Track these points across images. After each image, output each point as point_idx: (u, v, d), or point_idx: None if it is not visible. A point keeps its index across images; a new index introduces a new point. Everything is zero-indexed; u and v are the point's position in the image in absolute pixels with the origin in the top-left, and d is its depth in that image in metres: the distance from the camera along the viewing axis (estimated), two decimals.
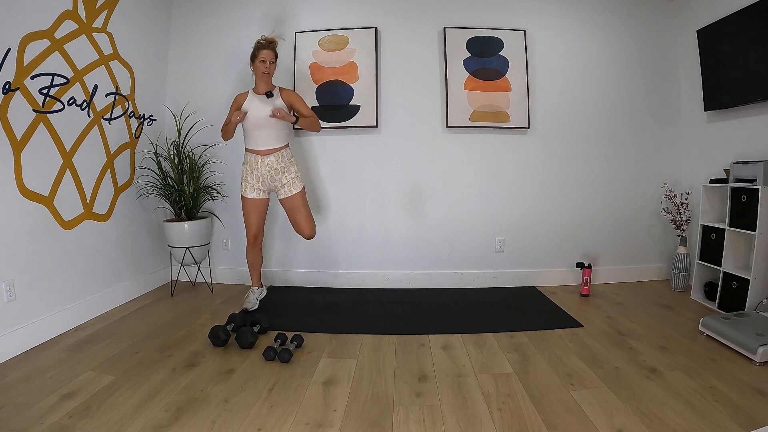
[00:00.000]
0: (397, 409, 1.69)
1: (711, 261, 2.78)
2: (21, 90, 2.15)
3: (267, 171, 2.66)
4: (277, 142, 2.67)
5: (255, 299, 2.84)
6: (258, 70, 2.62)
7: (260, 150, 2.65)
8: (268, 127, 2.63)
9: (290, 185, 2.69)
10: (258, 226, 2.78)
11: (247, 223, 2.77)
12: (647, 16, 3.31)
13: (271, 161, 2.65)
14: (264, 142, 2.64)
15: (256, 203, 2.73)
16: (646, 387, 1.82)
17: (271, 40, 2.64)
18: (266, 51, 2.60)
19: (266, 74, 2.62)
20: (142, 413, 1.63)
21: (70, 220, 2.50)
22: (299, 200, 2.72)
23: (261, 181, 2.69)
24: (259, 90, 2.67)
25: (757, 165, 2.46)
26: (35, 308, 2.26)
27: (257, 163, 2.66)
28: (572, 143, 3.32)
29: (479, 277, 3.35)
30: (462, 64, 3.21)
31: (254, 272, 2.88)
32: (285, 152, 2.70)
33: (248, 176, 2.70)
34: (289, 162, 2.71)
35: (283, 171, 2.68)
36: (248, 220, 2.76)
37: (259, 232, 2.80)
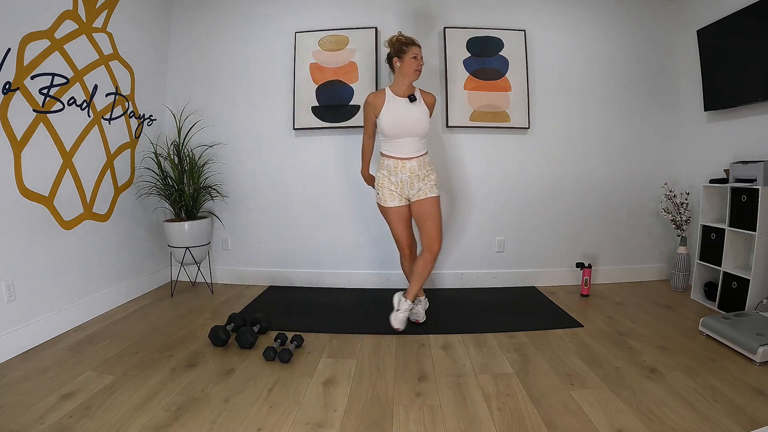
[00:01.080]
0: (397, 409, 1.69)
1: (711, 261, 2.78)
2: (21, 90, 2.15)
3: (408, 177, 2.43)
4: (420, 149, 2.45)
5: (422, 309, 2.61)
6: (409, 68, 2.36)
7: (402, 157, 2.43)
8: (413, 134, 2.40)
9: (427, 190, 2.44)
10: (408, 236, 2.55)
11: (396, 235, 2.54)
12: (647, 16, 3.31)
13: (413, 166, 2.42)
14: (407, 150, 2.42)
15: (399, 212, 2.48)
16: (646, 387, 1.82)
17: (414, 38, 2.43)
18: (416, 47, 2.37)
19: (419, 72, 2.38)
20: (142, 413, 1.63)
21: (70, 220, 2.50)
22: (434, 205, 2.44)
23: (401, 188, 2.46)
24: (400, 91, 2.42)
25: (757, 165, 2.46)
26: (35, 308, 2.26)
27: (396, 168, 2.43)
28: (572, 143, 3.32)
29: (479, 277, 3.35)
30: (462, 64, 3.21)
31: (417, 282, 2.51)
32: (427, 158, 2.48)
33: (385, 181, 2.46)
34: (430, 169, 2.48)
35: (423, 178, 2.45)
36: (396, 232, 2.53)
37: (412, 242, 2.58)
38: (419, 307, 2.61)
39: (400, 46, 2.39)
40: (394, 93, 2.44)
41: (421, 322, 2.58)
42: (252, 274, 3.45)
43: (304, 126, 3.27)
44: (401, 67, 2.40)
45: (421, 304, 2.64)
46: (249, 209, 3.42)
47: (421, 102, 2.45)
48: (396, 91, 2.44)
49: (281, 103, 3.31)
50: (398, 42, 2.40)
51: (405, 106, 2.40)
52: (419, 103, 2.43)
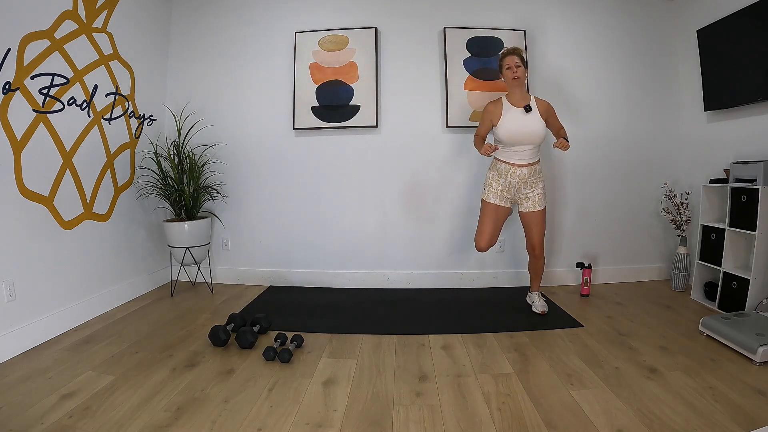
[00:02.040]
0: (397, 409, 1.69)
1: (711, 261, 2.78)
2: (21, 90, 2.15)
3: (517, 182, 2.56)
4: (533, 157, 2.56)
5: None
6: (507, 78, 2.53)
7: (515, 163, 2.55)
8: (528, 143, 2.50)
9: (535, 200, 2.59)
10: (493, 234, 2.63)
11: (481, 228, 2.64)
12: (647, 16, 3.31)
13: (524, 173, 2.55)
14: (521, 157, 2.54)
15: (497, 209, 2.62)
16: (646, 387, 1.82)
17: (514, 47, 2.57)
18: (510, 57, 2.51)
19: (517, 79, 2.49)
20: (142, 413, 1.63)
21: (70, 220, 2.50)
22: (540, 217, 2.62)
23: (507, 190, 2.60)
24: (515, 100, 2.55)
25: (757, 165, 2.45)
26: (35, 308, 2.26)
27: (508, 173, 2.56)
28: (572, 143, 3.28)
29: (479, 277, 3.35)
30: (462, 64, 3.21)
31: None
32: (538, 167, 2.59)
33: (494, 182, 2.61)
34: (539, 176, 2.60)
35: (533, 185, 2.58)
36: (484, 226, 2.63)
37: (490, 242, 2.65)
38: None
39: (499, 61, 2.59)
40: (510, 102, 2.57)
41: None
42: (252, 274, 3.45)
43: (304, 126, 3.27)
44: (504, 79, 2.58)
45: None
46: (249, 209, 3.42)
47: (536, 112, 2.53)
48: (511, 100, 2.57)
49: (281, 103, 3.31)
50: (499, 57, 2.60)
51: (521, 116, 2.51)
52: (535, 112, 2.52)
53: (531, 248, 2.70)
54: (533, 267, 2.80)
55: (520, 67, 2.51)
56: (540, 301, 2.77)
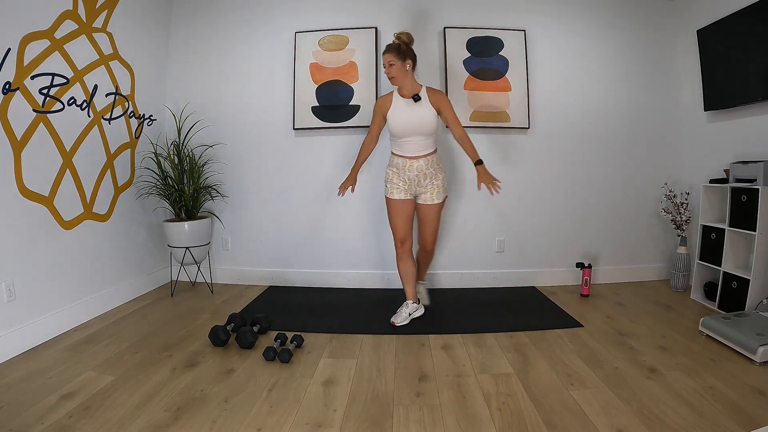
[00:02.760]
0: (397, 409, 1.69)
1: (711, 261, 2.78)
2: (21, 90, 2.15)
3: (415, 175, 2.52)
4: (428, 148, 2.52)
5: (407, 314, 2.59)
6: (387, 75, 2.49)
7: (410, 156, 2.51)
8: (418, 134, 2.47)
9: (434, 193, 2.56)
10: (405, 229, 2.60)
11: (393, 226, 2.62)
12: (647, 16, 3.31)
13: (420, 165, 2.51)
14: (414, 149, 2.50)
15: (402, 205, 2.58)
16: (646, 387, 1.82)
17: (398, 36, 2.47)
18: (386, 55, 2.44)
19: (391, 78, 2.46)
20: (142, 413, 1.63)
21: (70, 220, 2.50)
22: (436, 212, 2.60)
23: (408, 185, 2.56)
24: (404, 92, 2.51)
25: (757, 165, 2.46)
26: (35, 308, 2.26)
27: (405, 166, 2.52)
28: (572, 143, 3.32)
29: (479, 277, 3.35)
30: (462, 64, 3.21)
31: (408, 284, 2.63)
32: (435, 157, 2.55)
33: (394, 178, 2.57)
34: (438, 167, 2.56)
35: (431, 177, 2.54)
36: (394, 223, 2.61)
37: (406, 236, 2.61)
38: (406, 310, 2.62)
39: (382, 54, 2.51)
40: (400, 95, 2.54)
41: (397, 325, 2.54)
42: (252, 274, 3.45)
43: (304, 126, 3.27)
44: None
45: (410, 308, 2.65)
46: (249, 209, 3.42)
47: (426, 101, 2.48)
48: (401, 93, 2.54)
49: (281, 103, 3.31)
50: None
51: (409, 106, 2.48)
52: (424, 102, 2.48)
53: (423, 243, 2.68)
54: (423, 259, 2.80)
55: (393, 65, 2.42)
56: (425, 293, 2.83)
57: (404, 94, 2.52)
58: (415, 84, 2.52)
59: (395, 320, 2.56)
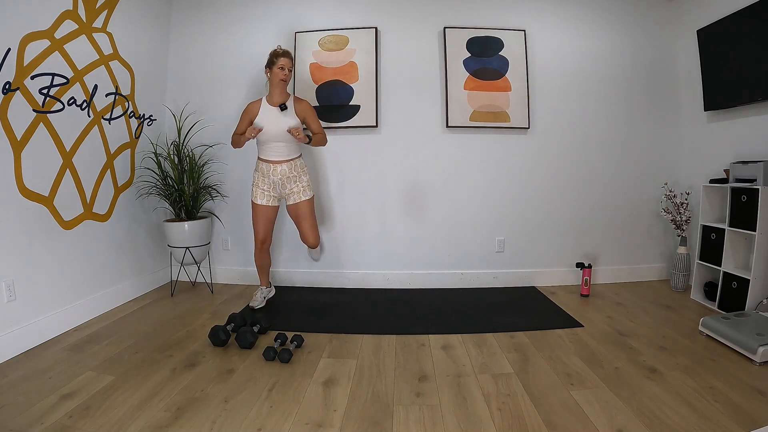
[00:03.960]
0: (397, 409, 1.69)
1: (711, 261, 2.78)
2: (21, 90, 2.15)
3: (279, 179, 2.68)
4: (291, 154, 2.70)
5: (262, 297, 2.90)
6: (276, 77, 2.61)
7: (273, 160, 2.68)
8: (282, 141, 2.64)
9: (300, 193, 2.73)
10: (266, 232, 2.79)
11: (255, 228, 2.79)
12: (647, 16, 3.31)
13: (284, 170, 2.68)
14: (277, 154, 2.67)
15: (266, 211, 2.75)
16: (646, 387, 1.82)
17: (287, 50, 2.67)
18: (285, 59, 2.60)
19: (284, 81, 2.62)
20: (142, 413, 1.63)
21: (70, 220, 2.50)
22: (306, 208, 2.75)
23: (273, 188, 2.72)
24: (273, 100, 2.66)
25: (757, 165, 2.46)
26: (35, 308, 2.26)
27: (269, 171, 2.68)
28: (572, 143, 3.32)
29: (479, 277, 3.35)
30: (462, 64, 3.21)
31: (262, 274, 2.94)
32: (298, 162, 2.73)
33: (260, 182, 2.73)
34: (301, 171, 2.74)
35: (295, 180, 2.71)
36: (256, 226, 2.78)
37: (266, 238, 2.81)
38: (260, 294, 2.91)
39: (271, 57, 2.63)
40: (268, 102, 2.68)
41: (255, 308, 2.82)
42: (252, 274, 3.45)
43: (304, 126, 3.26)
44: (270, 77, 2.65)
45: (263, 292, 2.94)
46: (249, 209, 3.39)
47: (292, 111, 2.67)
48: (269, 100, 2.68)
49: None
50: (271, 54, 2.64)
51: (275, 115, 2.63)
52: (290, 112, 2.65)
53: (305, 240, 2.82)
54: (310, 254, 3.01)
55: (291, 71, 2.66)
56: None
57: (272, 102, 2.66)
58: (285, 93, 2.69)
59: (253, 304, 2.84)
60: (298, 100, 2.72)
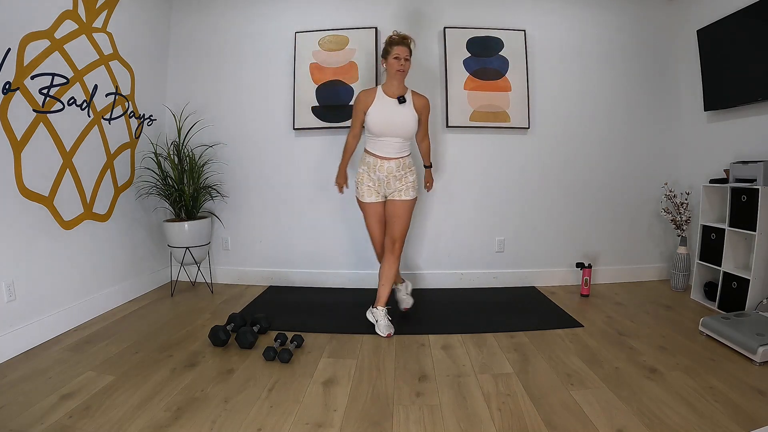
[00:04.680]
0: (397, 409, 1.69)
1: (711, 261, 2.78)
2: (21, 90, 2.15)
3: (385, 176, 2.47)
4: (402, 151, 2.49)
5: (407, 293, 2.79)
6: (392, 68, 2.40)
7: (383, 156, 2.47)
8: (397, 135, 2.44)
9: (402, 190, 2.49)
10: (381, 233, 2.58)
11: (370, 231, 2.60)
12: (647, 16, 3.31)
13: (391, 167, 2.46)
14: (389, 150, 2.46)
15: (376, 208, 2.54)
16: (646, 387, 1.82)
17: (404, 36, 2.42)
18: (400, 47, 2.38)
19: (401, 72, 2.39)
20: (142, 413, 1.63)
21: (70, 220, 2.50)
22: (405, 209, 2.51)
23: (378, 186, 2.51)
24: (391, 91, 2.45)
25: (757, 165, 2.46)
26: (35, 308, 2.26)
27: (376, 165, 2.47)
28: (572, 143, 3.32)
29: (479, 277, 3.35)
30: (462, 64, 3.21)
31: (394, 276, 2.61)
32: (407, 160, 2.52)
33: (365, 178, 2.52)
34: (408, 170, 2.51)
35: (400, 179, 2.49)
36: (371, 228, 2.58)
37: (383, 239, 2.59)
38: (401, 293, 2.76)
39: (386, 46, 2.43)
40: (385, 92, 2.47)
41: (409, 307, 2.70)
42: (252, 274, 3.45)
43: (304, 126, 3.27)
44: (386, 67, 2.45)
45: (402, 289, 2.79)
46: (249, 209, 3.42)
47: (410, 104, 2.46)
48: (386, 90, 2.47)
49: (281, 103, 3.31)
50: (387, 41, 2.44)
51: (393, 107, 2.43)
52: (408, 105, 2.45)
53: (390, 244, 2.52)
54: (387, 269, 2.52)
55: (408, 61, 2.41)
56: (385, 320, 2.45)
57: (389, 93, 2.46)
58: (403, 86, 2.49)
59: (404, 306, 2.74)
60: (416, 95, 2.50)
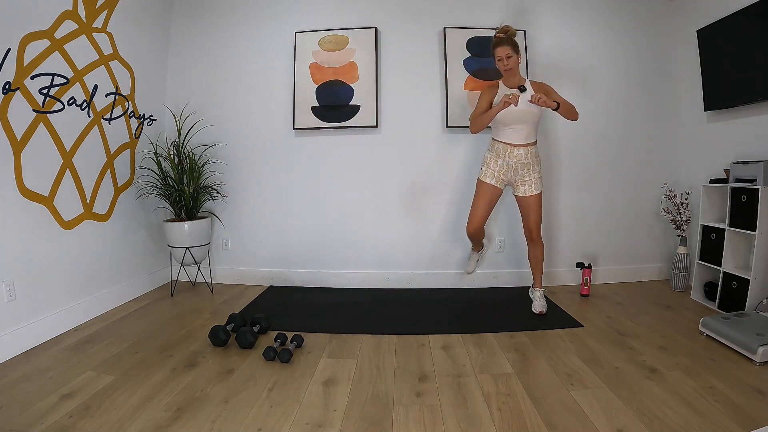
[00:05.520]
0: (397, 409, 1.69)
1: (711, 261, 2.78)
2: (21, 90, 2.15)
3: (514, 162, 2.60)
4: (529, 138, 2.61)
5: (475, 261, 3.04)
6: (501, 69, 2.57)
7: (512, 143, 2.60)
8: (523, 122, 2.56)
9: (532, 184, 2.64)
10: (483, 216, 2.71)
11: (474, 209, 2.72)
12: (647, 16, 3.31)
13: (520, 153, 2.59)
14: (516, 137, 2.59)
15: (492, 190, 2.67)
16: (646, 387, 1.82)
17: (505, 30, 2.53)
18: (500, 48, 2.50)
19: (510, 71, 2.53)
20: (142, 413, 1.63)
21: (70, 220, 2.50)
22: (536, 202, 2.67)
23: (504, 171, 2.64)
24: (510, 83, 2.59)
25: (757, 165, 2.45)
26: (35, 308, 2.26)
27: (506, 152, 2.61)
28: (572, 143, 3.32)
29: (479, 277, 3.35)
30: (462, 64, 3.21)
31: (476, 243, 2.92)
32: (534, 148, 2.64)
33: (492, 163, 2.66)
34: (536, 159, 2.64)
35: (529, 167, 2.62)
36: (477, 206, 2.70)
37: (480, 225, 2.74)
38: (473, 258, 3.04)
39: (492, 48, 2.58)
40: (506, 85, 2.63)
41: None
42: (252, 274, 3.46)
43: (304, 126, 3.27)
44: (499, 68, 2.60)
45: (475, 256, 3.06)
46: (249, 209, 3.42)
47: (530, 91, 2.56)
48: (507, 83, 2.63)
49: (281, 103, 3.31)
50: (491, 43, 2.58)
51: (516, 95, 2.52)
52: (529, 92, 2.54)
53: (528, 232, 2.74)
54: (533, 255, 2.81)
55: (512, 57, 2.51)
56: (541, 300, 2.76)
57: (510, 85, 2.60)
58: (521, 77, 2.62)
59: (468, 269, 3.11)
60: (535, 83, 2.63)
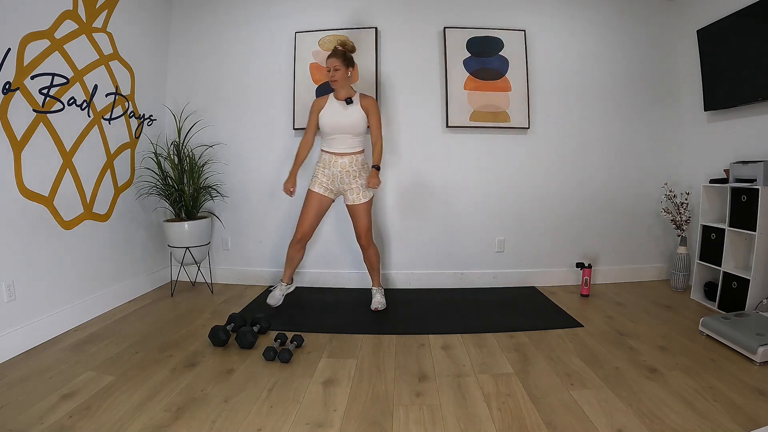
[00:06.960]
0: (397, 409, 1.69)
1: (711, 261, 2.78)
2: (21, 90, 2.15)
3: (339, 171, 2.71)
4: (353, 147, 2.73)
5: (280, 295, 2.86)
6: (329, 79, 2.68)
7: (335, 152, 2.72)
8: (345, 133, 2.69)
9: (358, 193, 2.73)
10: (311, 224, 2.78)
11: (302, 217, 2.77)
12: (647, 15, 3.31)
13: (344, 162, 2.71)
14: (339, 146, 2.71)
15: (319, 199, 2.76)
16: (646, 387, 1.82)
17: (343, 43, 2.70)
18: (330, 59, 2.64)
19: (334, 82, 2.65)
20: (142, 413, 1.63)
21: (70, 220, 2.50)
22: (364, 210, 2.75)
23: (332, 181, 2.74)
24: (339, 95, 2.72)
25: (757, 165, 2.46)
26: (35, 308, 2.26)
27: (330, 162, 2.72)
28: (572, 143, 3.32)
29: (479, 277, 3.35)
30: (462, 64, 3.21)
31: (290, 267, 2.87)
32: (359, 157, 2.75)
33: (320, 173, 2.76)
34: (362, 167, 2.75)
35: (355, 175, 2.72)
36: (304, 215, 2.77)
37: (309, 231, 2.80)
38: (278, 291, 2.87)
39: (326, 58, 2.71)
40: (336, 98, 2.74)
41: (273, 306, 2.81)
42: (252, 274, 3.46)
43: (303, 126, 3.25)
44: None
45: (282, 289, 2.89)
46: (249, 209, 3.42)
47: (358, 104, 2.71)
48: (336, 96, 2.75)
49: (281, 103, 3.31)
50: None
51: (342, 108, 2.70)
52: (356, 105, 2.70)
53: (358, 238, 2.82)
54: (366, 259, 2.88)
55: (339, 70, 2.62)
56: (378, 297, 2.87)
57: (339, 97, 2.72)
58: (350, 90, 2.74)
59: (270, 302, 2.82)
60: (363, 96, 2.75)
